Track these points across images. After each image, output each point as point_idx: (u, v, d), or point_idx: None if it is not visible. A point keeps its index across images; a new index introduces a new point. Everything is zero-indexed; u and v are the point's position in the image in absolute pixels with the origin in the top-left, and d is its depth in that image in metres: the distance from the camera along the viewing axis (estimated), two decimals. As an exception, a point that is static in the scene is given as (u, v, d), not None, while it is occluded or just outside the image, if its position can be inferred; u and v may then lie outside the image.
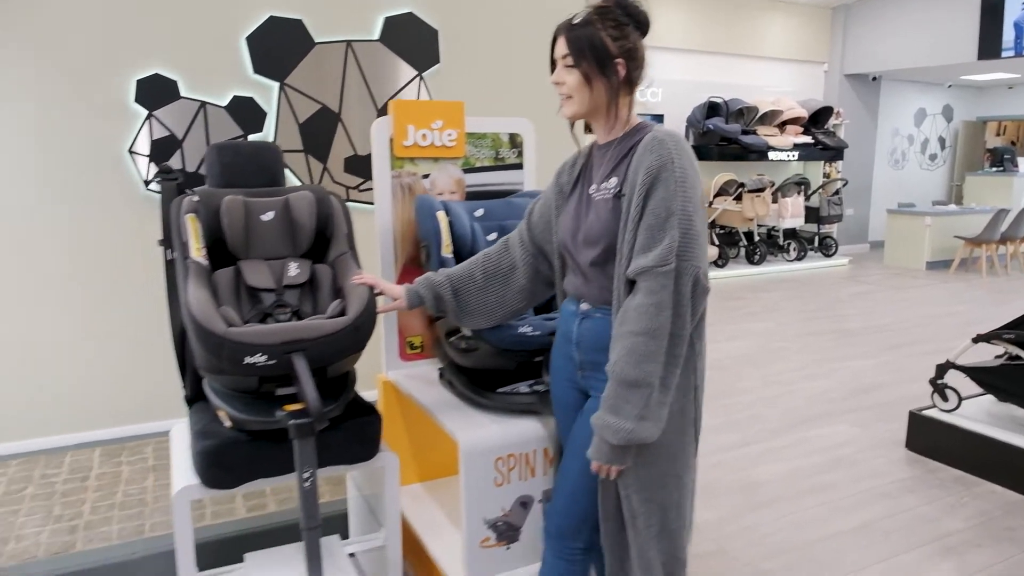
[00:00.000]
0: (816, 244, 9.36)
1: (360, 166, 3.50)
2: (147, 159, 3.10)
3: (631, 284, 1.48)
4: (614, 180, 1.53)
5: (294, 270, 1.86)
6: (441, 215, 2.09)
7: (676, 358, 1.45)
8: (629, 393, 1.42)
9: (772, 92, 9.34)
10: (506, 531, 1.95)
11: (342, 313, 1.77)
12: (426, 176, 2.34)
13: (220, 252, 1.85)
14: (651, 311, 1.41)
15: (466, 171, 2.40)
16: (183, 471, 1.82)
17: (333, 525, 2.43)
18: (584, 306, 1.63)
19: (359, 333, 1.71)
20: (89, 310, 3.09)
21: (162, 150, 3.11)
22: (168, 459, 2.90)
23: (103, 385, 3.14)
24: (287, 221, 1.90)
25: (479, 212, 2.24)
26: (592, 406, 1.58)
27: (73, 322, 3.07)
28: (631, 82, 1.55)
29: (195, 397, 2.01)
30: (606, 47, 1.50)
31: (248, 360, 1.58)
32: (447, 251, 2.07)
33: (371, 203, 3.41)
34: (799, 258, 8.99)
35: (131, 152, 3.07)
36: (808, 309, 6.49)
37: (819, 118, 9.17)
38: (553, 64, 1.59)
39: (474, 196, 2.42)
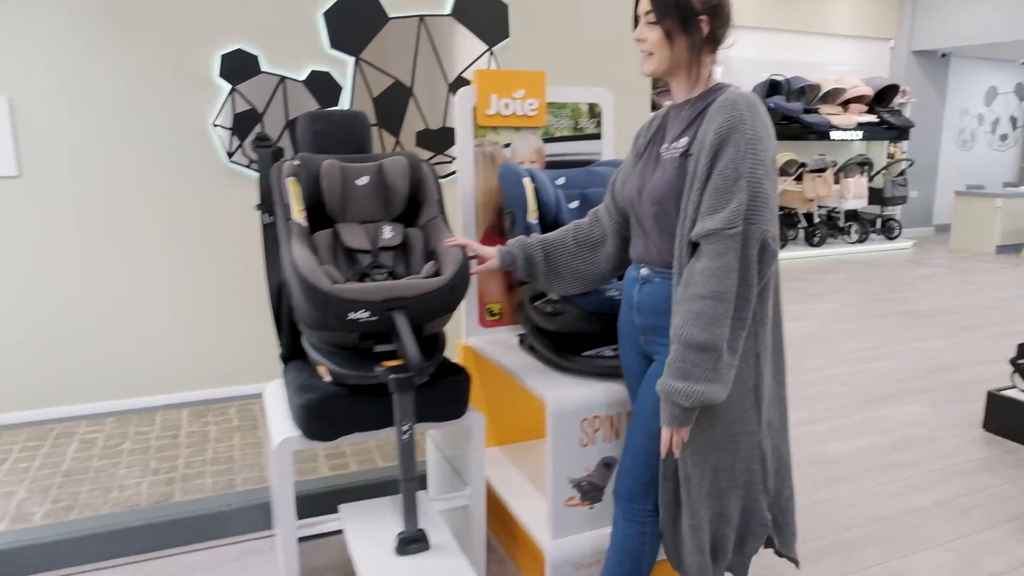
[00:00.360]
0: (878, 226, 9.12)
1: (431, 140, 3.55)
2: (229, 132, 3.20)
3: (693, 247, 1.47)
4: (684, 140, 1.53)
5: (388, 232, 1.92)
6: (527, 182, 2.12)
7: (742, 321, 1.45)
8: (698, 356, 1.43)
9: (836, 70, 9.09)
10: (590, 491, 1.99)
11: (437, 274, 1.82)
12: (507, 145, 2.37)
13: (317, 215, 1.93)
14: (718, 274, 1.41)
15: (545, 141, 2.43)
16: (282, 425, 1.91)
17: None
18: (644, 270, 1.64)
19: (455, 292, 1.76)
20: (174, 279, 3.22)
21: (244, 123, 3.21)
22: (253, 421, 3.03)
23: (190, 350, 3.28)
24: (381, 185, 1.96)
25: (560, 180, 2.26)
26: (655, 370, 1.60)
27: (161, 291, 3.21)
28: (714, 40, 1.53)
29: (290, 355, 2.09)
30: (689, 3, 1.49)
31: (352, 316, 1.65)
32: (532, 217, 2.11)
33: (443, 176, 3.48)
34: (860, 240, 8.77)
35: (215, 125, 3.18)
36: (872, 291, 6.35)
37: (884, 96, 8.89)
38: (636, 21, 1.58)
39: (553, 166, 2.45)
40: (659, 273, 1.60)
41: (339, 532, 2.37)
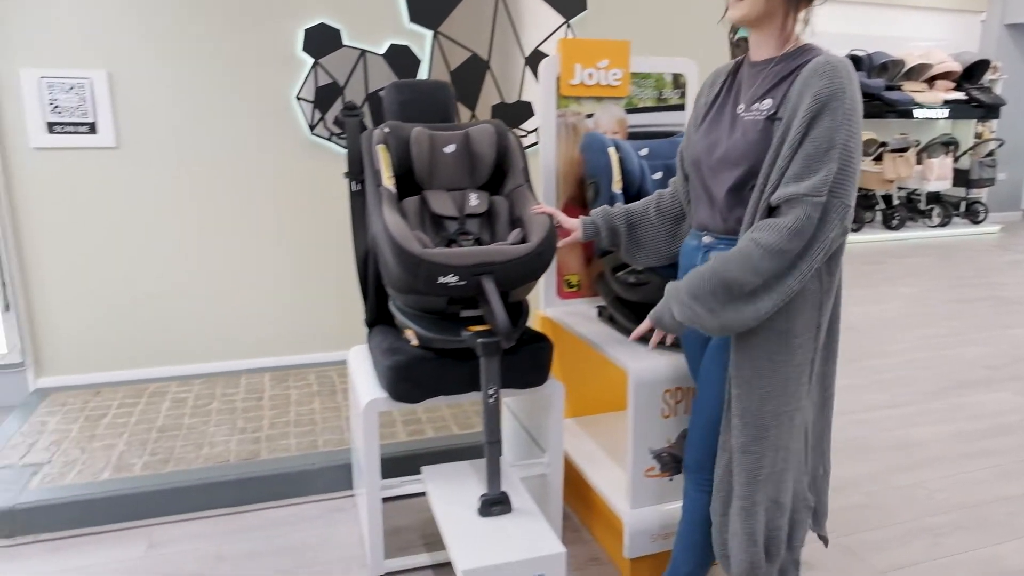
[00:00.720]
0: (962, 210, 8.69)
1: (507, 113, 3.55)
2: (312, 105, 3.27)
3: (769, 213, 1.43)
4: (768, 102, 1.47)
5: (474, 200, 1.94)
6: (612, 151, 2.11)
7: (784, 287, 1.40)
8: (718, 287, 1.42)
9: (921, 45, 8.66)
10: (670, 462, 1.99)
11: (523, 241, 1.83)
12: (590, 116, 2.36)
13: (404, 183, 1.96)
14: (787, 234, 1.37)
15: (628, 111, 2.40)
16: (369, 386, 1.96)
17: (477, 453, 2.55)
18: (707, 238, 1.60)
19: (541, 259, 1.77)
20: (257, 250, 3.33)
21: (326, 96, 3.27)
22: (331, 387, 3.12)
23: (272, 318, 3.40)
24: (467, 153, 1.98)
25: (644, 151, 2.24)
26: (719, 341, 1.58)
27: (244, 260, 3.32)
28: None
29: (375, 321, 2.14)
30: None
31: (441, 280, 1.68)
32: (617, 187, 2.09)
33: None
34: (943, 224, 8.38)
35: (298, 99, 3.25)
36: (956, 276, 6.08)
37: (973, 73, 8.41)
38: None
39: (635, 137, 2.42)
40: (723, 240, 1.56)
41: (418, 495, 2.43)
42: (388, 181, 1.87)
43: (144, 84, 3.09)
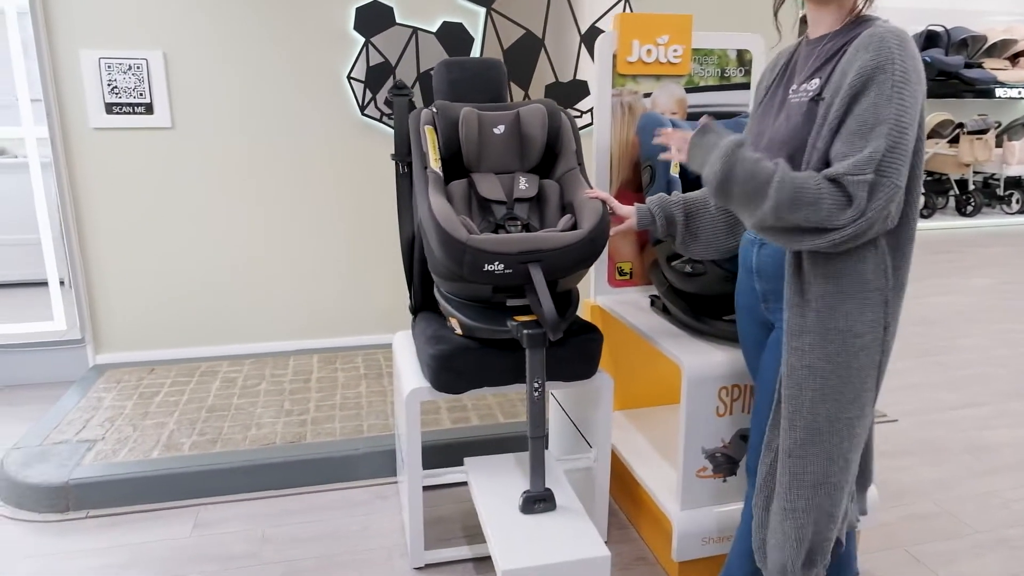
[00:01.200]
0: (1045, 196, 8.18)
1: (561, 93, 3.45)
2: (363, 85, 3.23)
3: None
4: (816, 82, 1.34)
5: (523, 184, 1.86)
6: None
7: (803, 240, 1.29)
8: (751, 183, 1.31)
9: (1004, 20, 8.12)
10: (724, 463, 1.89)
11: (574, 227, 1.75)
12: (647, 95, 2.24)
13: (452, 165, 1.89)
14: (826, 195, 1.24)
15: (688, 91, 2.27)
16: (412, 375, 1.92)
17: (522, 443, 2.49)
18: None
19: (593, 246, 1.69)
20: (308, 231, 3.32)
21: (377, 76, 3.23)
22: (378, 370, 3.10)
23: (321, 300, 3.40)
24: (517, 134, 1.90)
25: (704, 133, 2.11)
26: (776, 337, 1.46)
27: (295, 242, 3.32)
28: None
29: (420, 307, 2.09)
30: None
31: (487, 268, 1.61)
32: (674, 171, 1.98)
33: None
34: (1023, 211, 7.91)
35: (349, 78, 3.21)
36: (1038, 267, 5.72)
37: (1064, 49, 7.87)
38: None
39: (695, 118, 2.29)
40: None
41: (460, 484, 2.39)
42: (435, 163, 1.81)
43: (198, 65, 3.09)
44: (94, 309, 3.21)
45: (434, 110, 1.87)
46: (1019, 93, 7.61)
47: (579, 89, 3.46)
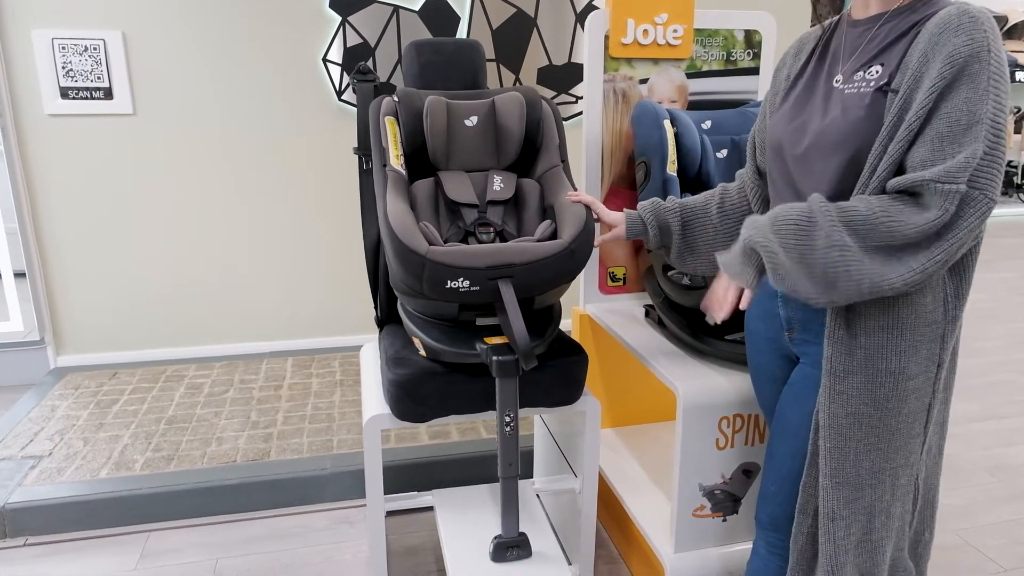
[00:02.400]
0: (1064, 184, 7.89)
1: (554, 77, 3.20)
2: (340, 68, 2.99)
3: None
4: (878, 68, 1.12)
5: (498, 184, 1.63)
6: (667, 124, 1.76)
7: (880, 273, 1.04)
8: (811, 228, 1.07)
9: (1027, -1, 7.80)
10: (724, 501, 1.67)
11: (553, 235, 1.52)
12: (644, 81, 2.00)
13: (417, 161, 1.66)
14: (910, 214, 1.03)
15: (689, 76, 2.04)
16: (374, 398, 1.70)
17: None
18: None
19: (574, 259, 1.46)
20: (281, 223, 3.11)
21: (355, 58, 2.99)
22: (355, 375, 2.90)
23: (296, 298, 3.19)
24: (492, 128, 1.67)
25: (706, 124, 1.88)
26: (802, 375, 1.24)
27: (268, 235, 3.10)
28: None
29: (387, 319, 1.88)
30: None
31: (450, 284, 1.39)
32: (671, 168, 1.75)
33: (566, 118, 3.14)
34: (1041, 200, 7.62)
35: (325, 61, 2.98)
36: (1058, 261, 5.46)
37: (1087, 30, 7.55)
38: None
39: (696, 106, 2.06)
40: None
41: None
42: (396, 160, 1.58)
43: (160, 46, 2.86)
44: (54, 308, 3.01)
45: (395, 99, 1.64)
46: (1041, 77, 7.30)
47: (575, 73, 3.22)
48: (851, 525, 1.20)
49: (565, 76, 3.22)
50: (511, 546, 1.50)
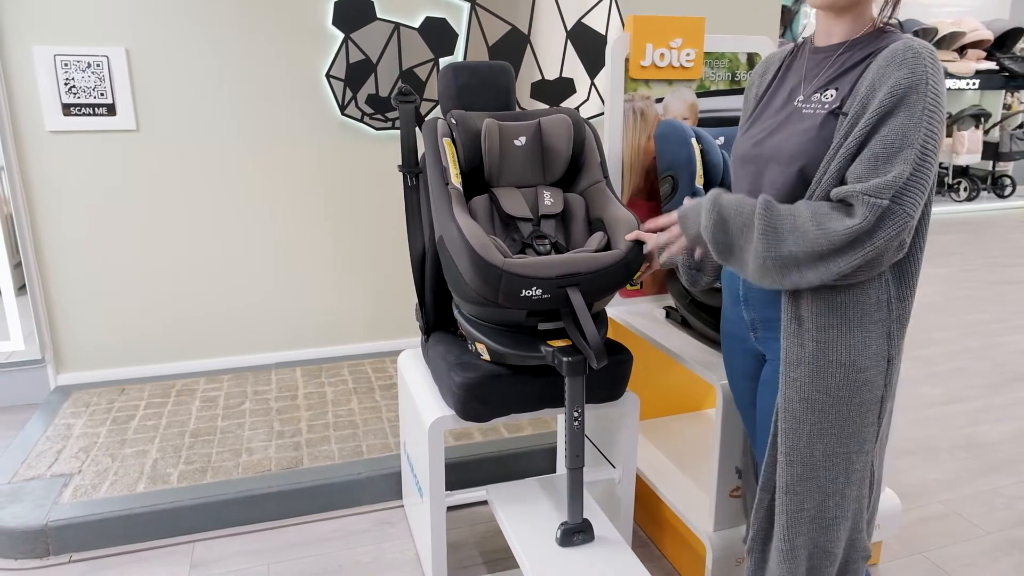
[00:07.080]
0: (989, 183, 8.48)
1: (547, 91, 3.35)
2: (342, 84, 3.07)
3: None
4: (832, 93, 1.27)
5: (548, 199, 1.76)
6: (694, 142, 1.92)
7: (803, 275, 1.22)
8: (748, 227, 1.26)
9: (952, 12, 8.36)
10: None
11: (607, 246, 1.66)
12: (659, 100, 2.17)
13: (469, 179, 1.78)
14: (835, 220, 1.18)
15: (699, 95, 2.21)
16: (431, 402, 1.81)
17: (537, 457, 2.42)
18: None
19: (628, 269, 1.61)
20: (284, 236, 3.15)
21: (357, 74, 3.07)
22: (367, 383, 2.97)
23: (301, 308, 3.23)
24: (539, 147, 1.80)
25: (719, 140, 2.06)
26: (771, 370, 1.40)
27: (271, 247, 3.15)
28: None
29: (433, 327, 1.98)
30: None
31: (524, 293, 1.51)
32: (699, 182, 1.92)
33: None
34: (969, 199, 8.18)
35: (328, 77, 3.05)
36: (993, 255, 5.90)
37: (1005, 41, 8.13)
38: None
39: (705, 123, 2.23)
40: None
41: (472, 505, 2.30)
42: (456, 179, 1.70)
43: (164, 62, 2.88)
44: (54, 326, 2.98)
45: (453, 121, 1.75)
46: (967, 84, 7.84)
47: (565, 87, 3.37)
48: (804, 501, 1.33)
49: (557, 90, 3.37)
50: (577, 531, 1.63)
